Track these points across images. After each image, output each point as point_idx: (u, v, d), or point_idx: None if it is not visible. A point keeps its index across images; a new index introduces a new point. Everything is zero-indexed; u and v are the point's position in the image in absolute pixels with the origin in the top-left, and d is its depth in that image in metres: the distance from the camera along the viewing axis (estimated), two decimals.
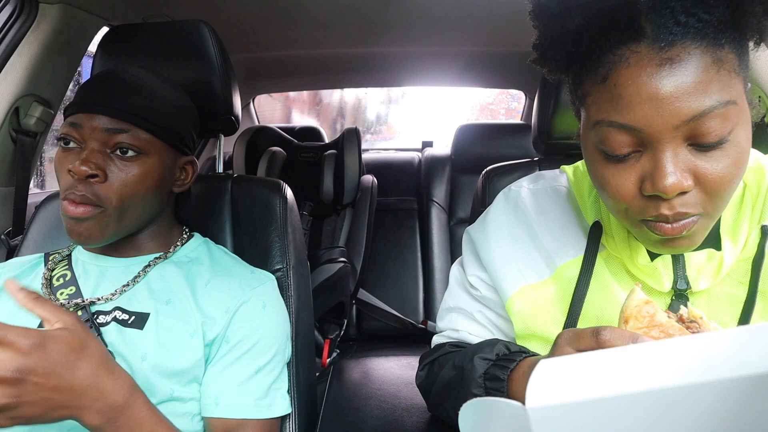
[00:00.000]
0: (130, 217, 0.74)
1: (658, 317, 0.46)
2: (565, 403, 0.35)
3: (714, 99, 0.48)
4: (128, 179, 0.72)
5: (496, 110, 4.70)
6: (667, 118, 0.49)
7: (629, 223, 0.57)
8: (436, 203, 2.03)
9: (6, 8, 1.07)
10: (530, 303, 0.68)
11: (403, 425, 0.89)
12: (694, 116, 0.48)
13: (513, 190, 0.77)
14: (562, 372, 0.36)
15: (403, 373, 1.17)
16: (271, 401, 0.76)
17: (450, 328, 0.78)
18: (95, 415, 0.56)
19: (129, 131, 0.72)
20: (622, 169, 0.53)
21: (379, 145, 4.05)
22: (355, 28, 1.61)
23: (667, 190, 0.50)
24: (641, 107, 0.49)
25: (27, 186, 1.16)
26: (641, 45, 0.50)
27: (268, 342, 0.77)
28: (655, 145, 0.50)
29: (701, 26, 0.48)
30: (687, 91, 0.48)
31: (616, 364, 0.35)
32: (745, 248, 0.61)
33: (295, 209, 1.00)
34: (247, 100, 2.45)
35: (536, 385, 0.35)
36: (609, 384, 0.35)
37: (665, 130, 0.49)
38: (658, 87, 0.48)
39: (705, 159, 0.50)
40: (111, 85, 0.74)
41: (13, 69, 1.08)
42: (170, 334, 0.72)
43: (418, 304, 1.92)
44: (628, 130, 0.51)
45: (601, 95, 0.53)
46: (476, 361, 0.63)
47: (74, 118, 0.72)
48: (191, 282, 0.78)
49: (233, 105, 1.01)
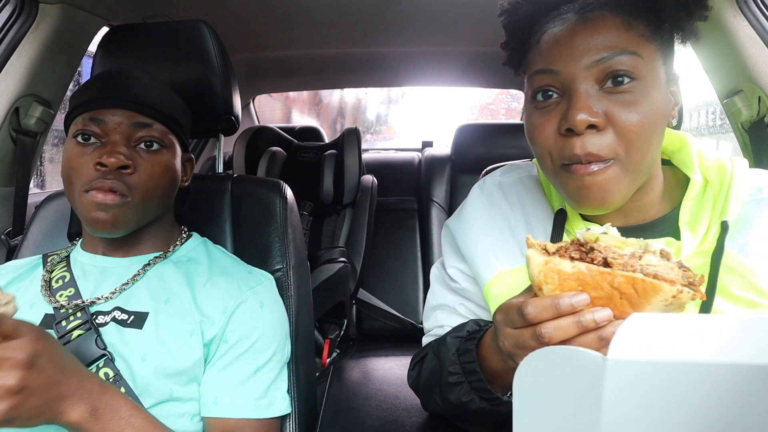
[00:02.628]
0: (152, 209, 0.76)
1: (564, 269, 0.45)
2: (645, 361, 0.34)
3: (620, 47, 0.57)
4: (155, 171, 0.75)
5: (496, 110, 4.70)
6: (578, 58, 0.58)
7: (554, 174, 0.63)
8: (436, 203, 2.03)
9: (6, 8, 1.07)
10: (507, 288, 0.69)
11: (403, 425, 0.89)
12: (603, 57, 0.57)
13: (487, 182, 0.79)
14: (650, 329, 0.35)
15: (403, 373, 1.16)
16: (271, 401, 0.76)
17: (435, 326, 0.79)
18: (78, 405, 0.56)
19: (152, 125, 0.75)
20: (546, 113, 0.61)
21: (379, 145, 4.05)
22: (355, 28, 1.61)
23: (577, 123, 0.56)
24: (559, 53, 0.60)
25: (27, 186, 1.16)
26: (569, 13, 0.61)
27: (266, 341, 0.77)
28: (570, 86, 0.59)
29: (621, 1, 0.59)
30: (596, 39, 0.58)
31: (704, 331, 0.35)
32: (704, 242, 0.62)
33: (295, 209, 1.00)
34: (247, 100, 2.45)
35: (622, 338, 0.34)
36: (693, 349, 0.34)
37: (577, 70, 0.58)
38: (573, 37, 0.59)
39: (616, 101, 0.57)
40: (127, 82, 0.75)
41: (13, 69, 1.08)
42: (169, 333, 0.72)
43: (418, 304, 1.92)
44: (548, 74, 0.60)
45: (534, 55, 0.63)
46: (449, 341, 0.67)
47: (94, 113, 0.73)
48: (190, 281, 0.78)
49: (233, 105, 1.01)
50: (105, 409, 0.59)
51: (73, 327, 0.72)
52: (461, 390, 0.63)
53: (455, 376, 0.64)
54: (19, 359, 0.51)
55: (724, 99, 1.12)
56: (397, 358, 1.31)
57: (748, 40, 1.05)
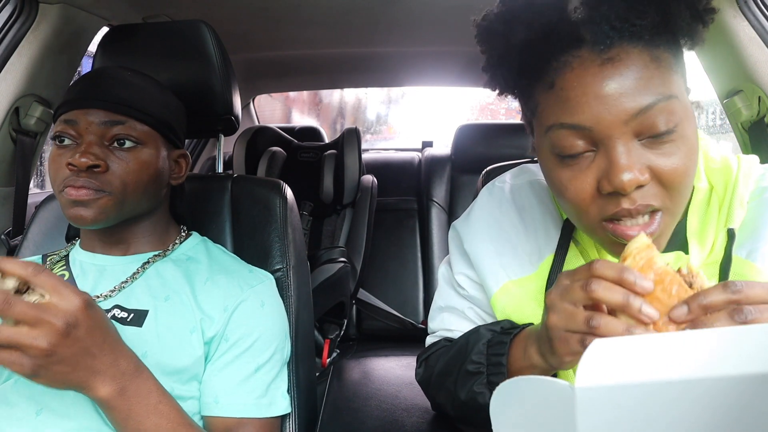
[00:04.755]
0: (132, 203, 0.75)
1: (656, 261, 0.46)
2: (614, 385, 0.34)
3: (657, 93, 0.51)
4: (129, 168, 0.74)
5: (496, 110, 4.70)
6: (615, 114, 0.51)
7: (590, 228, 0.57)
8: (436, 203, 2.03)
9: (6, 8, 1.07)
10: (513, 299, 0.68)
11: (403, 425, 0.89)
12: (641, 110, 0.50)
13: (497, 185, 0.77)
14: (613, 353, 0.35)
15: (403, 373, 1.17)
16: (271, 400, 0.76)
17: (442, 328, 0.79)
18: (108, 383, 0.58)
19: (125, 123, 0.74)
20: (578, 171, 0.54)
21: (379, 145, 4.05)
22: (354, 28, 1.61)
23: (625, 185, 0.51)
24: (588, 106, 0.51)
25: (27, 186, 1.16)
26: (582, 50, 0.52)
27: (266, 340, 0.77)
28: (607, 143, 0.52)
29: (635, 29, 0.51)
30: (630, 87, 0.51)
31: (670, 350, 0.34)
32: (713, 252, 0.61)
33: (295, 209, 1.00)
34: (247, 100, 2.45)
35: (588, 365, 0.34)
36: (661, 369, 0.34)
37: (614, 126, 0.51)
38: (602, 85, 0.51)
39: (657, 153, 0.52)
40: (102, 81, 0.75)
41: (13, 69, 1.08)
42: (169, 330, 0.72)
43: (418, 304, 1.92)
44: (578, 130, 0.53)
45: (550, 101, 0.55)
46: (482, 330, 0.66)
47: (68, 115, 0.73)
48: (190, 280, 0.78)
49: (233, 105, 1.01)
50: (134, 391, 0.60)
51: None
52: (478, 380, 0.63)
53: (476, 365, 0.63)
54: (57, 325, 0.52)
55: (724, 99, 1.12)
56: (397, 358, 1.30)
57: (748, 40, 1.05)
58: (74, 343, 0.54)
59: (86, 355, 0.55)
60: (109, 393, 0.58)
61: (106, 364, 0.58)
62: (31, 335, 0.51)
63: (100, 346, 0.57)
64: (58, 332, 0.52)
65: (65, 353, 0.53)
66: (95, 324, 0.56)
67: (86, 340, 0.55)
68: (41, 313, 0.52)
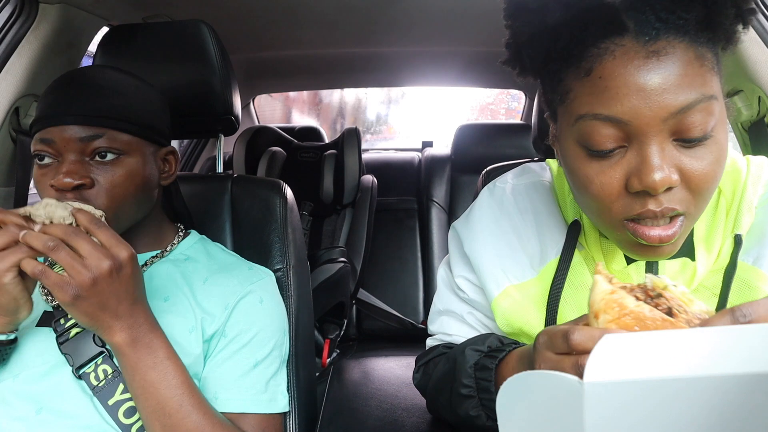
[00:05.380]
0: (125, 217, 0.74)
1: (627, 303, 0.44)
2: (622, 381, 0.34)
3: (699, 92, 0.48)
4: (116, 180, 0.70)
5: (496, 110, 4.70)
6: (656, 110, 0.48)
7: (610, 225, 0.55)
8: (436, 203, 2.03)
9: (6, 8, 1.07)
10: (514, 304, 0.67)
11: (403, 425, 0.89)
12: (682, 108, 0.48)
13: (498, 186, 0.75)
14: (623, 349, 0.34)
15: (403, 373, 1.17)
16: (271, 396, 0.76)
17: (441, 332, 0.78)
18: (124, 330, 0.63)
19: (104, 135, 0.70)
20: (607, 167, 0.52)
21: (379, 145, 4.05)
22: (355, 28, 1.61)
23: (656, 185, 0.49)
24: (629, 99, 0.48)
25: (27, 186, 1.16)
26: (625, 38, 0.49)
27: (265, 336, 0.77)
28: (642, 139, 0.49)
29: (682, 23, 0.49)
30: (674, 83, 0.48)
31: (680, 346, 0.34)
32: (719, 258, 0.60)
33: (295, 209, 1.00)
34: (247, 100, 2.45)
35: (596, 360, 0.34)
36: (671, 365, 0.34)
37: (653, 123, 0.48)
38: (646, 79, 0.48)
39: (689, 155, 0.50)
40: (74, 91, 0.71)
41: (13, 69, 1.08)
42: (169, 331, 0.72)
43: (418, 304, 1.92)
44: (614, 123, 0.50)
45: (584, 89, 0.51)
46: (468, 352, 0.64)
47: (44, 133, 0.70)
48: (188, 279, 0.78)
49: (233, 105, 1.01)
50: (145, 344, 0.65)
51: (72, 325, 0.72)
52: (471, 404, 0.62)
53: (468, 389, 0.62)
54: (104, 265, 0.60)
55: (724, 99, 1.12)
56: (397, 358, 1.30)
57: (748, 40, 1.04)
58: (110, 285, 0.61)
59: (115, 298, 0.62)
60: (121, 339, 0.63)
61: (127, 313, 0.63)
62: (83, 264, 0.59)
63: (128, 295, 0.63)
64: (104, 271, 0.60)
65: (102, 290, 0.60)
66: (131, 276, 0.63)
67: (119, 287, 0.62)
68: (95, 250, 0.60)
